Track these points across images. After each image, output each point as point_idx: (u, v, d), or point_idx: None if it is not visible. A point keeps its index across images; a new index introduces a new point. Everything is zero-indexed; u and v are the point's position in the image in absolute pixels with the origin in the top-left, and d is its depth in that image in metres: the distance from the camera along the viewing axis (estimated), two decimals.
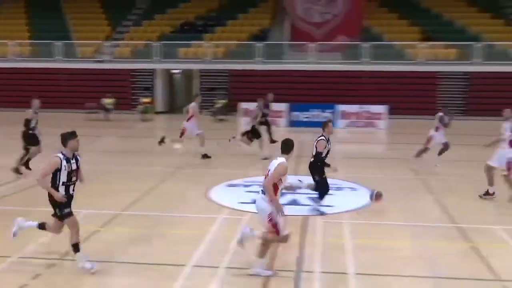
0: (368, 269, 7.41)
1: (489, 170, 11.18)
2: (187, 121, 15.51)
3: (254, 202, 10.91)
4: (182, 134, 15.52)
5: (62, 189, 7.01)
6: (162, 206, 10.62)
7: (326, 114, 23.76)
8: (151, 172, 13.91)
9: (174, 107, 29.99)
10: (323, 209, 10.18)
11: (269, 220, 7.02)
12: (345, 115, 23.78)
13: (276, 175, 7.01)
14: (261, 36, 29.60)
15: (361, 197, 11.41)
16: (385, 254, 8.11)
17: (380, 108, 23.82)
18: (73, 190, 7.18)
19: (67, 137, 7.08)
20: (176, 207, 10.64)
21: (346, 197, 11.62)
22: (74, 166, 7.10)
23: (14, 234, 7.55)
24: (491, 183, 11.20)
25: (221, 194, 11.63)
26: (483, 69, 26.05)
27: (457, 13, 30.25)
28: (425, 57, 26.84)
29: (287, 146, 7.30)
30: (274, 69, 27.20)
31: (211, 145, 16.14)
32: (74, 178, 7.12)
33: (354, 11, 28.86)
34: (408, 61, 26.99)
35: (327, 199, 10.81)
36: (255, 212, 10.03)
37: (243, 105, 24.67)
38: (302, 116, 24.06)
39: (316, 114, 23.72)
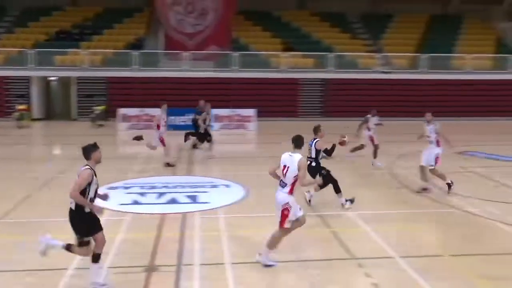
0: (242, 258, 7.52)
1: (422, 169, 11.69)
2: (158, 129, 14.37)
3: (135, 203, 10.69)
4: (163, 143, 14.41)
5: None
6: (40, 212, 9.90)
7: None
8: (28, 179, 12.93)
9: (51, 114, 28.24)
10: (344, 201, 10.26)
11: (284, 210, 7.06)
12: (218, 118, 23.95)
13: (304, 170, 7.14)
14: (137, 44, 28.89)
15: (235, 193, 11.58)
16: (257, 242, 8.27)
17: (250, 112, 24.33)
18: None
19: (91, 149, 6.24)
20: (54, 213, 9.93)
21: (221, 193, 11.69)
22: (97, 180, 6.29)
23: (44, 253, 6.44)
24: (425, 179, 11.67)
25: None
26: (336, 76, 27.72)
27: (312, 27, 31.89)
28: (287, 65, 27.93)
29: (299, 142, 7.36)
30: (151, 76, 26.67)
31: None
32: (96, 194, 6.31)
33: (223, 23, 29.21)
34: (272, 68, 27.89)
35: (204, 197, 10.86)
36: (146, 213, 9.89)
37: (122, 111, 23.89)
38: (178, 120, 23.83)
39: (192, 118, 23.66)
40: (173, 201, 10.82)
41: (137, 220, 9.60)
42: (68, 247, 6.37)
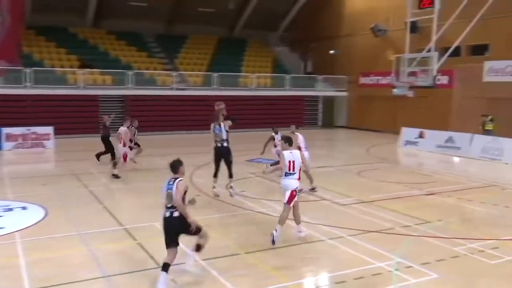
0: (44, 281, 6.84)
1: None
2: (123, 146, 14.20)
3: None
4: (124, 159, 14.26)
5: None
6: None
7: None
8: None
9: None
10: None
11: (293, 191, 8.62)
12: (10, 137, 21.46)
13: (304, 159, 9.14)
14: None
15: (34, 214, 10.49)
16: (59, 264, 7.63)
17: (47, 129, 22.33)
18: None
19: (179, 164, 6.89)
20: None
21: (17, 217, 10.48)
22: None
23: None
24: (311, 180, 12.87)
25: None
26: (135, 93, 27.28)
27: (109, 45, 30.97)
28: (85, 82, 26.51)
29: (291, 141, 8.98)
30: None
31: None
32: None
33: (12, 38, 26.33)
34: (70, 85, 26.18)
35: None
36: None
37: None
38: None
39: None
40: None
41: None
42: (198, 248, 7.23)
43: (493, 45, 23.92)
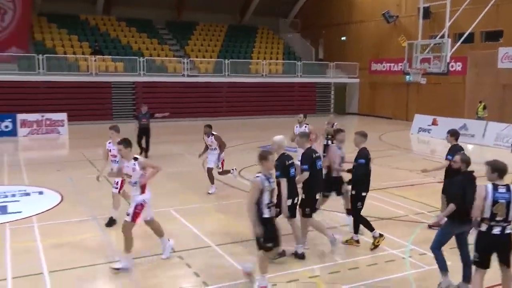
0: (61, 265, 6.96)
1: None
2: None
3: None
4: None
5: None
6: None
7: (6, 124, 21.27)
8: None
9: None
10: None
11: None
12: (25, 124, 21.65)
13: None
14: None
15: (49, 199, 10.62)
16: (76, 248, 7.75)
17: (61, 116, 22.50)
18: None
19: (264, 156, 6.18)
20: None
21: (34, 201, 10.62)
22: (273, 186, 6.20)
23: None
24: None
25: None
26: (146, 80, 27.32)
27: (120, 32, 30.95)
28: (98, 69, 26.60)
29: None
30: None
31: None
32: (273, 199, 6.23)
33: (21, 25, 26.33)
34: (82, 72, 26.28)
35: (14, 206, 9.77)
36: None
37: None
38: None
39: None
40: None
41: None
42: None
43: (506, 31, 23.53)
